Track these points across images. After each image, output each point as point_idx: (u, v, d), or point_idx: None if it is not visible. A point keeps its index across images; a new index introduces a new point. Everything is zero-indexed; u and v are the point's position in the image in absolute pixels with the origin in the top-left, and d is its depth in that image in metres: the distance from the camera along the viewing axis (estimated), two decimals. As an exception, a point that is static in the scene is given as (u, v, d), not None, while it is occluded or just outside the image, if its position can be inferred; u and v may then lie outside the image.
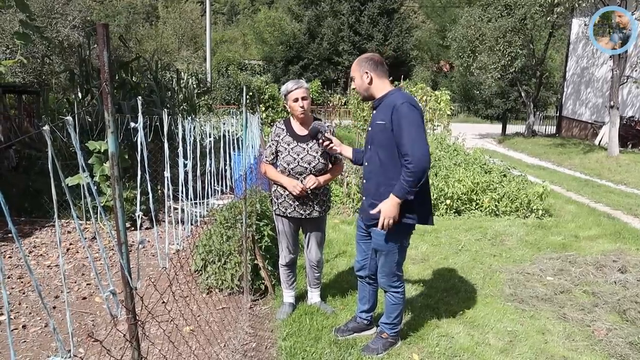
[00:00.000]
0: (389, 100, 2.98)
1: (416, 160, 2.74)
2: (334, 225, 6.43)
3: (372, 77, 3.04)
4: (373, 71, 3.05)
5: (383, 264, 3.18)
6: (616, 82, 12.95)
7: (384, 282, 3.25)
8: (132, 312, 1.40)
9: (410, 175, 2.76)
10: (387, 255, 3.12)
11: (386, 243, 3.06)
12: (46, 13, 16.71)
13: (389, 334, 3.33)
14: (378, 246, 3.13)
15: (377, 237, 3.10)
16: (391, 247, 3.08)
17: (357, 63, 3.10)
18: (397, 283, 3.24)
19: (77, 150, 1.10)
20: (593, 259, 5.20)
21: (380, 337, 3.35)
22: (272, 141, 3.60)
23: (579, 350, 3.42)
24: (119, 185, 1.35)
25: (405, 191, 2.81)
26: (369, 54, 3.14)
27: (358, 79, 3.09)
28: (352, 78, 3.16)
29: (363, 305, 3.56)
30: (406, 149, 2.78)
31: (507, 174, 8.66)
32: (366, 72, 3.04)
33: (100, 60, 1.25)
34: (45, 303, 4.03)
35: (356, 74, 3.10)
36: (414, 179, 2.76)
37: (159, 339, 3.44)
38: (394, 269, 3.17)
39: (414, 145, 2.76)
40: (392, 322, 3.32)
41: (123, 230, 1.38)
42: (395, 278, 3.22)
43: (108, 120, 1.29)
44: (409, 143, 2.77)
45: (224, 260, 4.32)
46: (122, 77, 8.54)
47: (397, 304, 3.27)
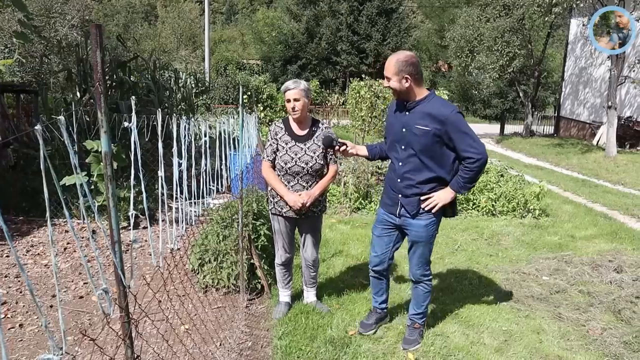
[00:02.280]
0: (432, 107, 3.06)
1: (480, 158, 3.01)
2: (330, 224, 6.44)
3: (411, 82, 3.06)
4: (413, 76, 3.05)
5: (420, 254, 3.33)
6: (614, 83, 12.98)
7: (418, 273, 3.39)
8: (125, 310, 1.41)
9: (472, 172, 3.04)
10: (425, 246, 3.29)
11: (426, 233, 3.24)
12: (45, 12, 16.71)
13: (420, 323, 3.49)
14: (419, 237, 3.26)
15: (418, 229, 3.25)
16: (430, 236, 3.27)
17: (395, 65, 3.04)
18: (428, 272, 3.42)
19: (69, 150, 1.11)
20: (589, 258, 5.22)
21: (414, 329, 3.49)
22: (272, 140, 3.61)
23: (574, 350, 3.44)
24: (112, 184, 1.36)
25: (463, 187, 3.11)
26: (408, 55, 3.10)
27: (395, 82, 3.06)
28: (386, 77, 3.10)
29: (381, 297, 3.68)
30: (469, 151, 3.01)
31: (505, 174, 8.68)
32: (406, 78, 3.04)
33: (93, 60, 1.26)
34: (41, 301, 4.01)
35: (394, 77, 3.05)
36: (476, 175, 3.07)
37: (155, 338, 3.44)
38: (427, 257, 3.37)
39: (474, 146, 3.01)
40: (422, 312, 3.47)
41: (116, 229, 1.39)
42: (428, 267, 3.41)
43: (101, 119, 1.30)
44: (469, 146, 3.01)
45: (221, 260, 4.32)
46: (120, 76, 8.55)
47: (427, 292, 3.45)
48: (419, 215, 3.21)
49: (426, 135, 3.03)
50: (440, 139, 3.03)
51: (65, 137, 1.08)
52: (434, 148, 3.06)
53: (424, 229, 3.22)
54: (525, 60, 19.46)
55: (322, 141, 3.33)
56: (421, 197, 3.17)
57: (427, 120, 3.03)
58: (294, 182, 3.55)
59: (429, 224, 3.22)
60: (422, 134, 3.04)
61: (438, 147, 3.07)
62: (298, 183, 3.54)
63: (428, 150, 3.07)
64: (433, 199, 3.13)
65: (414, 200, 3.19)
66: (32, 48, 14.08)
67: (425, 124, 3.03)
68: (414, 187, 3.17)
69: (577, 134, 18.95)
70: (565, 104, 20.34)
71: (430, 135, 3.02)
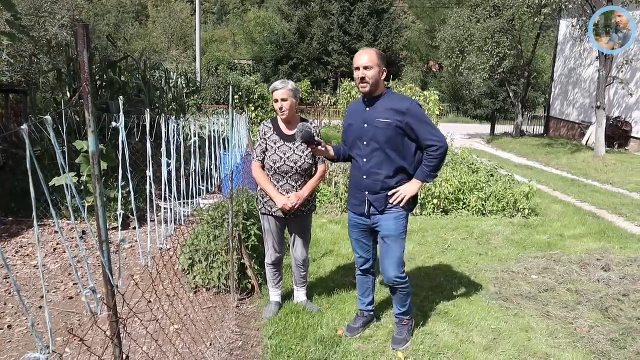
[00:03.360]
0: (390, 101, 3.19)
1: (442, 146, 3.13)
2: (321, 224, 6.45)
3: (384, 76, 3.19)
4: (385, 71, 3.20)
5: (392, 251, 3.28)
6: (603, 83, 13.08)
7: (392, 276, 3.31)
8: (113, 310, 1.41)
9: (436, 160, 3.15)
10: (395, 241, 3.27)
11: (395, 226, 3.24)
12: (34, 12, 16.59)
13: (407, 319, 3.51)
14: (389, 231, 3.26)
15: (387, 222, 3.26)
16: (401, 231, 3.27)
17: (378, 57, 3.16)
18: (403, 274, 3.35)
19: (56, 150, 1.11)
20: (577, 257, 5.27)
21: (402, 326, 3.49)
22: (261, 140, 3.63)
23: (562, 348, 3.47)
24: (100, 184, 1.37)
25: (429, 176, 3.20)
26: (380, 51, 3.26)
27: (376, 72, 3.14)
28: (366, 67, 3.13)
29: (367, 298, 3.69)
30: (430, 139, 3.13)
31: (495, 174, 8.73)
32: (384, 70, 3.18)
33: (80, 61, 1.26)
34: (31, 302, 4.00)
35: (376, 67, 3.13)
36: (439, 162, 3.18)
37: (145, 338, 3.44)
38: (401, 256, 3.31)
39: (436, 135, 3.15)
40: (407, 309, 3.47)
41: (104, 229, 1.39)
42: (403, 268, 3.34)
43: (89, 120, 1.30)
44: (431, 134, 3.14)
45: (211, 260, 4.32)
46: (110, 76, 8.52)
47: (407, 293, 3.42)
48: (387, 210, 3.25)
49: (389, 128, 3.14)
50: (402, 131, 3.14)
51: (52, 138, 1.09)
52: (397, 140, 3.16)
53: (394, 222, 3.25)
54: (516, 60, 19.56)
55: (302, 135, 3.16)
56: (388, 193, 3.22)
57: (388, 113, 3.15)
58: (283, 181, 3.56)
59: (399, 217, 3.25)
60: (385, 126, 3.14)
61: (400, 139, 3.17)
62: (287, 183, 3.56)
63: (392, 142, 3.16)
64: (400, 192, 3.20)
65: (381, 197, 3.24)
66: (22, 48, 13.97)
67: (388, 117, 3.14)
68: (382, 182, 3.22)
69: (567, 134, 19.08)
70: (555, 105, 20.47)
71: (392, 127, 3.13)
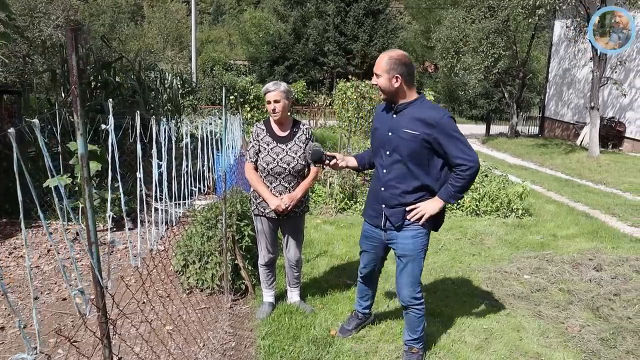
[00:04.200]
0: (420, 110, 2.90)
1: (472, 166, 2.83)
2: (316, 225, 6.47)
3: (401, 83, 2.89)
4: (404, 77, 2.88)
5: (408, 272, 3.07)
6: (596, 84, 13.15)
7: (407, 295, 3.10)
8: (102, 310, 1.42)
9: (464, 180, 2.85)
10: (413, 262, 3.04)
11: (413, 246, 3.02)
12: (28, 12, 16.56)
13: (418, 348, 3.22)
14: (405, 250, 3.03)
15: (404, 240, 3.03)
16: (419, 250, 3.03)
17: (387, 63, 2.87)
18: (419, 294, 3.13)
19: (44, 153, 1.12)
20: (570, 257, 5.30)
21: (411, 354, 3.23)
22: (254, 141, 3.64)
23: (553, 347, 3.50)
24: (89, 186, 1.38)
25: (454, 196, 2.93)
26: (401, 54, 2.92)
27: (385, 81, 2.89)
28: (375, 74, 2.93)
29: (365, 302, 3.61)
30: (460, 157, 2.83)
31: (489, 174, 8.77)
32: (397, 77, 2.87)
33: (69, 64, 1.27)
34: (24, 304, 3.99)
35: (383, 75, 2.88)
36: (468, 183, 2.89)
37: (137, 339, 3.44)
38: (417, 276, 3.09)
39: (467, 153, 2.84)
40: (419, 337, 3.20)
41: (93, 230, 1.41)
42: (419, 288, 3.13)
43: (77, 122, 1.31)
44: (461, 152, 2.83)
45: (205, 261, 4.33)
46: (104, 77, 8.51)
47: (421, 317, 3.16)
48: (405, 227, 3.01)
49: (414, 140, 2.86)
50: (429, 144, 2.86)
51: (40, 141, 1.10)
52: (422, 154, 2.89)
53: (411, 241, 3.00)
54: (510, 61, 19.63)
55: (310, 156, 3.16)
56: (407, 208, 2.98)
57: (416, 124, 2.86)
58: (276, 182, 3.57)
59: (417, 236, 3.00)
60: (410, 138, 2.87)
61: (426, 153, 2.89)
62: (280, 184, 3.57)
63: (416, 155, 2.90)
64: (419, 209, 2.94)
65: (398, 212, 3.00)
66: (16, 48, 13.93)
67: (414, 128, 2.86)
68: (399, 196, 2.97)
69: (562, 134, 19.16)
70: (549, 105, 20.56)
71: (418, 140, 2.85)
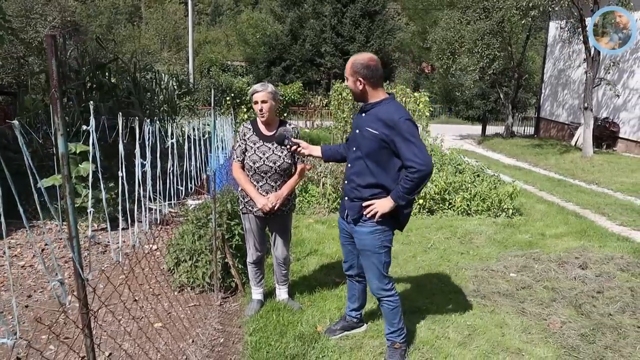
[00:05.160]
0: (385, 112, 2.99)
1: (421, 169, 2.85)
2: (308, 224, 6.54)
3: (365, 85, 3.01)
4: (367, 79, 3.00)
5: (369, 267, 3.17)
6: (590, 85, 13.24)
7: (375, 288, 3.20)
8: (83, 301, 1.50)
9: (412, 183, 2.88)
10: (372, 256, 3.13)
11: (371, 242, 3.11)
12: (25, 13, 16.63)
13: (399, 342, 3.28)
14: (363, 245, 3.15)
15: (361, 236, 3.14)
16: (377, 246, 3.11)
17: (351, 67, 3.02)
18: (389, 286, 3.21)
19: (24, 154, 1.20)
20: (556, 256, 5.38)
21: (394, 349, 3.28)
22: (241, 140, 3.72)
23: (534, 343, 3.57)
24: (70, 183, 1.45)
25: (402, 197, 2.95)
26: (365, 57, 3.03)
27: (351, 83, 3.05)
28: (345, 77, 3.10)
29: (352, 304, 3.63)
30: (411, 160, 2.87)
31: (481, 174, 8.85)
32: (359, 80, 3.00)
33: (49, 69, 1.35)
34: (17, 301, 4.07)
35: (350, 77, 3.04)
36: (415, 186, 2.90)
37: (127, 336, 3.51)
38: (381, 270, 3.16)
39: (418, 156, 2.87)
40: (397, 329, 3.26)
41: (74, 225, 1.48)
42: (386, 280, 3.20)
43: (58, 123, 1.39)
44: (413, 154, 2.87)
45: (196, 259, 4.41)
46: (99, 78, 8.57)
47: (395, 308, 3.23)
48: (361, 222, 3.12)
49: (374, 139, 2.98)
50: (387, 144, 2.96)
51: (20, 141, 1.17)
52: (381, 153, 3.00)
53: (368, 237, 3.11)
54: (506, 62, 19.73)
55: (276, 138, 3.39)
56: (363, 204, 3.08)
57: (378, 124, 2.97)
58: (262, 181, 3.65)
59: (374, 232, 3.09)
60: (371, 137, 2.99)
61: (385, 153, 2.99)
62: (267, 183, 3.65)
63: (374, 154, 3.01)
64: (373, 206, 3.03)
65: (355, 206, 3.12)
66: (12, 49, 14.00)
67: (376, 128, 2.97)
68: (355, 189, 3.11)
69: (557, 134, 19.26)
70: (545, 105, 20.67)
71: (377, 139, 2.97)
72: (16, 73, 14.33)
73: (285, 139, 3.39)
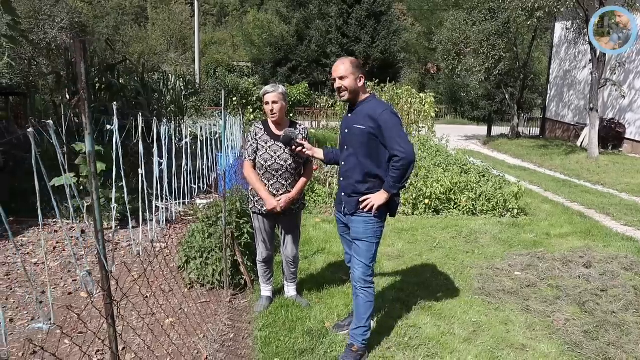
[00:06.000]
0: (369, 108, 3.24)
1: (404, 157, 3.07)
2: (315, 223, 6.62)
3: (362, 81, 3.28)
4: (364, 76, 3.30)
5: (359, 254, 3.30)
6: (595, 85, 13.26)
7: (358, 275, 3.29)
8: (107, 291, 1.58)
9: (398, 172, 3.10)
10: (363, 244, 3.29)
11: (364, 230, 3.28)
12: (33, 15, 16.79)
13: (359, 345, 3.31)
14: (357, 233, 3.31)
15: (356, 225, 3.31)
16: (369, 235, 3.28)
17: (352, 65, 3.24)
18: (370, 278, 3.33)
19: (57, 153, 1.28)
20: (561, 255, 5.44)
21: (351, 352, 3.31)
22: (252, 140, 3.81)
23: (538, 339, 3.64)
24: (96, 180, 1.53)
25: (392, 187, 3.17)
26: (355, 59, 3.34)
27: (352, 81, 3.24)
28: (341, 77, 3.24)
29: None
30: (395, 149, 3.09)
31: (486, 174, 8.90)
32: (361, 77, 3.27)
33: (78, 71, 1.43)
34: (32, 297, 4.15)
35: (350, 76, 3.23)
36: (402, 174, 3.11)
37: (141, 331, 3.60)
38: (369, 259, 3.30)
39: (401, 145, 3.09)
40: (363, 326, 3.31)
41: (99, 219, 1.56)
42: (370, 272, 3.32)
43: (85, 123, 1.47)
44: (396, 144, 3.10)
45: (206, 257, 4.49)
46: (108, 79, 8.68)
47: (369, 302, 3.32)
48: (357, 213, 3.30)
49: (362, 134, 3.21)
50: (375, 137, 3.19)
51: (54, 140, 1.25)
52: (370, 145, 3.22)
53: (362, 226, 3.28)
54: (511, 63, 19.74)
55: (281, 139, 3.57)
56: (360, 199, 3.27)
57: (364, 119, 3.21)
58: (273, 180, 3.73)
59: (368, 222, 3.27)
60: (359, 132, 3.22)
61: (374, 145, 3.21)
62: (278, 181, 3.73)
63: (365, 148, 3.23)
64: (369, 200, 3.23)
65: (352, 201, 3.31)
66: (21, 50, 14.14)
67: (362, 124, 3.21)
68: (352, 185, 3.31)
69: (562, 135, 19.27)
70: (550, 106, 20.68)
71: (365, 133, 3.20)
72: (25, 74, 14.49)
73: (290, 140, 3.54)
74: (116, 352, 1.67)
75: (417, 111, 15.77)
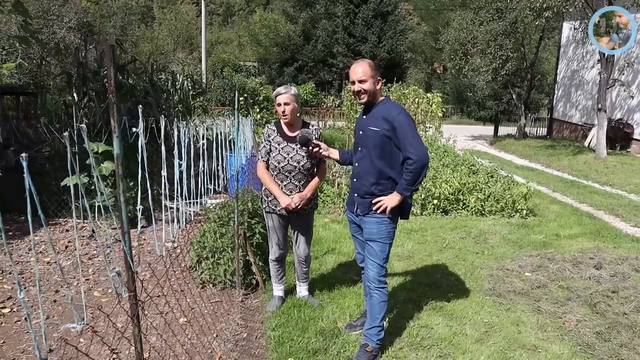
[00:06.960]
0: (383, 110, 3.28)
1: (417, 160, 3.10)
2: (324, 223, 6.64)
3: (380, 85, 3.34)
4: (381, 78, 3.35)
5: (373, 255, 3.32)
6: (603, 85, 13.22)
7: (373, 276, 3.31)
8: (133, 292, 1.61)
9: (411, 174, 3.13)
10: (377, 244, 3.31)
11: (377, 231, 3.30)
12: (42, 15, 16.88)
13: (373, 345, 3.33)
14: (370, 234, 3.33)
15: (369, 225, 3.33)
16: (383, 236, 3.30)
17: (370, 68, 3.26)
18: (383, 278, 3.35)
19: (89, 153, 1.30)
20: (571, 256, 5.44)
21: (365, 352, 3.32)
22: (265, 141, 3.84)
23: (549, 340, 3.65)
24: (123, 182, 1.56)
25: (405, 189, 3.19)
26: (372, 61, 3.37)
27: (371, 84, 3.26)
28: (361, 80, 3.25)
29: None
30: (408, 151, 3.13)
31: (495, 175, 8.90)
32: (379, 79, 3.33)
33: (107, 76, 1.46)
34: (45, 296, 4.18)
35: (370, 79, 3.25)
36: (416, 177, 3.14)
37: (157, 330, 3.63)
38: (382, 259, 3.33)
39: (414, 147, 3.13)
40: (377, 326, 3.33)
41: (126, 221, 1.59)
42: (383, 272, 3.35)
43: (114, 126, 1.50)
44: (410, 146, 3.13)
45: (218, 257, 4.53)
46: (118, 79, 8.73)
47: (383, 302, 3.34)
48: (370, 214, 3.32)
49: (377, 136, 3.24)
50: (389, 139, 3.22)
51: (87, 144, 1.28)
52: (384, 147, 3.24)
53: (375, 227, 3.30)
54: (519, 63, 19.69)
55: (298, 139, 3.59)
56: (373, 201, 3.29)
57: (379, 121, 3.24)
58: (287, 181, 3.76)
59: (381, 222, 3.29)
60: (374, 134, 3.25)
61: (388, 147, 3.24)
62: (291, 182, 3.76)
63: (379, 150, 3.25)
64: (382, 202, 3.24)
65: (366, 202, 3.33)
66: (30, 51, 14.22)
67: (377, 126, 3.24)
68: (365, 187, 3.32)
69: (570, 135, 19.21)
70: (557, 106, 20.61)
71: (380, 135, 3.23)
72: (34, 74, 14.57)
73: (308, 140, 3.56)
74: (141, 351, 1.70)
75: (424, 111, 15.74)
